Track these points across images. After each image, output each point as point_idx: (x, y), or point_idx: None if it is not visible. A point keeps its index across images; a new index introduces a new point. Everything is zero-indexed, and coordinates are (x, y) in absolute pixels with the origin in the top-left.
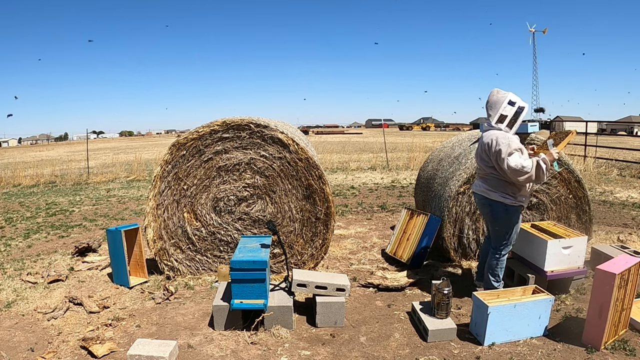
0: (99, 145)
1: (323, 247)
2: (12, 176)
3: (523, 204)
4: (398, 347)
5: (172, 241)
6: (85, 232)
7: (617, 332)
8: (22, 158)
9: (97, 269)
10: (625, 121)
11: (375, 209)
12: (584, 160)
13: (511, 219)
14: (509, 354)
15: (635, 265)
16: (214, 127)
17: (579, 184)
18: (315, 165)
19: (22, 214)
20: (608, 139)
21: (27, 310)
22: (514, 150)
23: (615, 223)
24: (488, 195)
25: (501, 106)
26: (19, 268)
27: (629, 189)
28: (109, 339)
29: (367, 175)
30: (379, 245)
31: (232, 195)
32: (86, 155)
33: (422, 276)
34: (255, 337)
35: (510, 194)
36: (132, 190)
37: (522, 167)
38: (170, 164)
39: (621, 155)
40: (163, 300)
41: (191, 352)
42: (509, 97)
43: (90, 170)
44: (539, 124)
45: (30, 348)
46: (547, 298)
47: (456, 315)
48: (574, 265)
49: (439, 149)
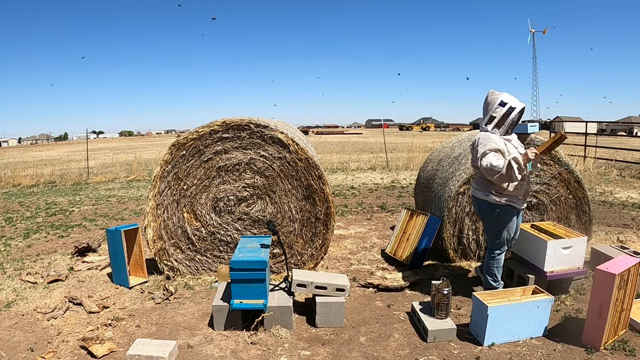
0: (98, 145)
1: (323, 247)
2: (12, 176)
3: (514, 204)
4: (398, 347)
5: (172, 241)
6: (85, 232)
7: (617, 332)
8: (22, 158)
9: (97, 269)
10: (625, 121)
11: (375, 209)
12: (584, 161)
13: (500, 218)
14: (508, 354)
15: (635, 265)
16: (213, 127)
17: (578, 185)
18: (315, 165)
19: (22, 214)
20: (608, 140)
21: (27, 310)
22: (488, 151)
23: (615, 223)
24: (475, 194)
25: (492, 107)
26: (19, 268)
27: (629, 189)
28: (108, 339)
29: (367, 176)
30: (378, 245)
31: (232, 196)
32: (86, 155)
33: (422, 276)
34: (255, 337)
35: (493, 192)
36: (132, 190)
37: (493, 166)
38: (170, 164)
39: (621, 156)
40: (163, 300)
41: (191, 352)
42: (501, 98)
43: (90, 170)
44: (539, 124)
45: (30, 348)
46: (547, 298)
47: (456, 316)
48: (574, 266)
49: (439, 149)
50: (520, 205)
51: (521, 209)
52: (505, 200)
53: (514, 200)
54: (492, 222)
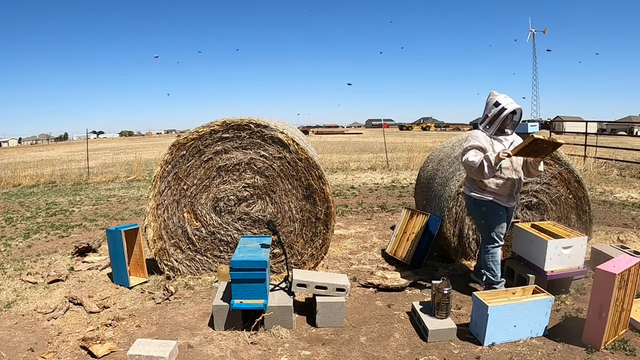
0: (99, 145)
1: (323, 247)
2: (12, 176)
3: (498, 201)
4: (398, 347)
5: (172, 241)
6: (85, 232)
7: (617, 332)
8: (22, 158)
9: (97, 269)
10: (625, 121)
11: (375, 209)
12: (584, 160)
13: (484, 214)
14: (509, 354)
15: (635, 265)
16: (214, 127)
17: (579, 184)
18: (315, 165)
19: (22, 214)
20: (608, 139)
21: (27, 310)
22: (470, 147)
23: (615, 223)
24: (464, 191)
25: (487, 107)
26: (19, 268)
27: (629, 189)
28: (109, 339)
29: (367, 175)
30: (379, 245)
31: (232, 195)
32: (86, 155)
33: (422, 276)
34: (255, 337)
35: (476, 189)
36: (132, 190)
37: (469, 162)
38: (170, 164)
39: (621, 155)
40: (163, 300)
41: (191, 352)
42: (496, 99)
43: (90, 170)
44: (539, 124)
45: (30, 348)
46: (547, 298)
47: (456, 315)
48: (574, 265)
49: (439, 149)
50: (507, 204)
51: (508, 207)
52: (488, 197)
53: (499, 199)
54: (478, 218)
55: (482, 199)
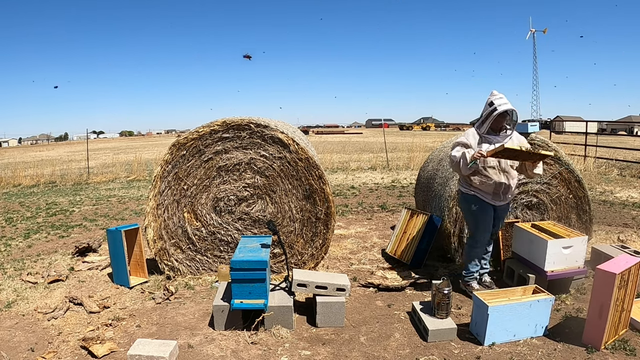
0: (99, 145)
1: (323, 247)
2: (12, 176)
3: (483, 198)
4: (398, 347)
5: (172, 241)
6: (86, 232)
7: (617, 332)
8: (22, 158)
9: (97, 269)
10: (625, 121)
11: (376, 209)
12: (584, 160)
13: (469, 208)
14: (509, 353)
15: (635, 265)
16: (214, 127)
17: (579, 184)
18: (316, 165)
19: (22, 214)
20: (608, 139)
21: (28, 310)
22: (456, 144)
23: (616, 223)
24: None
25: (485, 106)
26: (19, 268)
27: (629, 188)
28: (109, 339)
29: (367, 175)
30: (379, 245)
31: (232, 195)
32: (86, 155)
33: (422, 276)
34: (256, 337)
35: (464, 183)
36: (132, 190)
37: (451, 157)
38: (170, 163)
39: (621, 155)
40: (163, 300)
41: (191, 352)
42: (492, 99)
43: (90, 170)
44: (539, 124)
45: (31, 348)
46: (547, 298)
47: (456, 315)
48: (574, 265)
49: (439, 149)
50: (492, 202)
51: (495, 205)
52: (472, 192)
53: (483, 195)
54: (466, 212)
55: (468, 193)
